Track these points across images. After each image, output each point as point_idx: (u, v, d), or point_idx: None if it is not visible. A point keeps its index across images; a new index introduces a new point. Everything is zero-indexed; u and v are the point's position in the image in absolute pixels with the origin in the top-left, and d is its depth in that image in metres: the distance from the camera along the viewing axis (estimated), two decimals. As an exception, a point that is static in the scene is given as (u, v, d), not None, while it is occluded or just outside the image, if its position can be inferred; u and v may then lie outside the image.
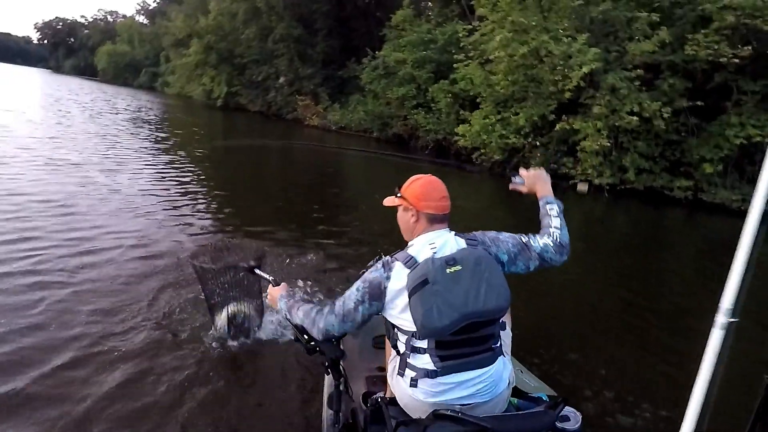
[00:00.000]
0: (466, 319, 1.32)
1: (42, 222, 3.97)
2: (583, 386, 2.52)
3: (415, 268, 1.36)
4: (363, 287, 1.43)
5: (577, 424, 1.48)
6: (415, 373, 1.38)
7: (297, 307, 1.57)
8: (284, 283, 1.78)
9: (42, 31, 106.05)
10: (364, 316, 1.44)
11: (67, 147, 7.76)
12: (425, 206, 1.49)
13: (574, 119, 11.40)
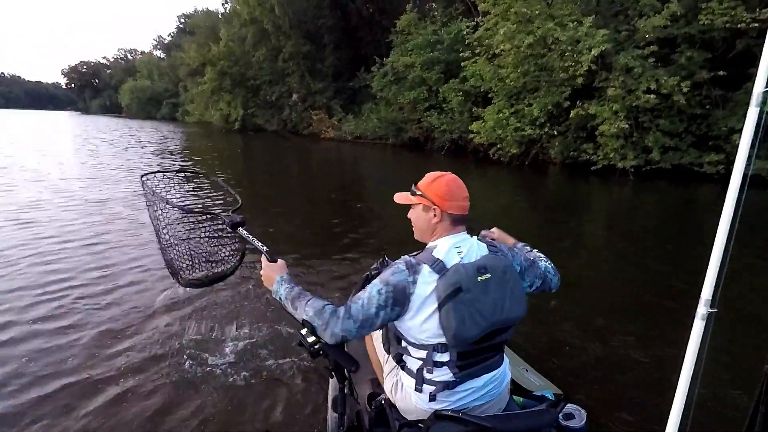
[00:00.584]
0: (492, 327, 1.30)
1: (73, 263, 4.15)
2: (589, 383, 2.47)
3: (446, 275, 1.27)
4: (386, 290, 1.27)
5: (582, 422, 1.46)
6: (434, 388, 1.33)
7: (304, 300, 1.35)
8: (282, 260, 1.51)
9: (69, 75, 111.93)
10: (383, 322, 1.30)
11: (97, 185, 8.14)
12: (450, 206, 1.38)
13: (590, 104, 11.15)
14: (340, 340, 1.30)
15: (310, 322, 1.32)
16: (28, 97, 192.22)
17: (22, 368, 2.54)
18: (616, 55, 10.58)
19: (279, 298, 1.42)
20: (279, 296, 1.42)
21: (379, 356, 1.67)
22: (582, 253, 5.27)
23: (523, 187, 11.33)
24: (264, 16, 28.77)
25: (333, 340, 1.30)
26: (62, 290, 3.55)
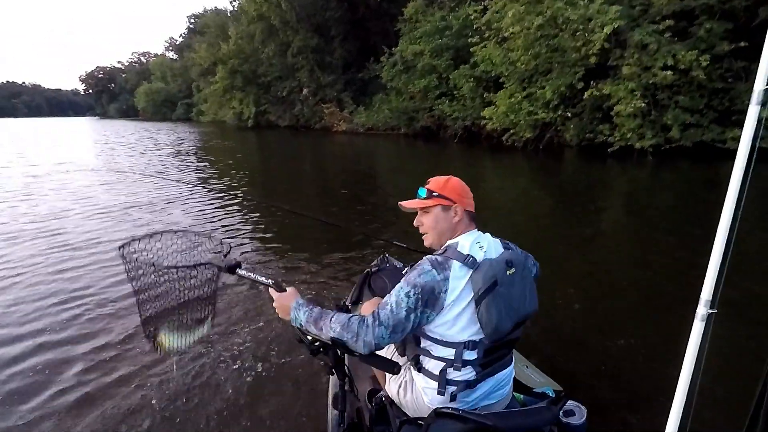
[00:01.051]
0: (519, 320, 1.33)
1: (93, 270, 4.24)
2: (590, 380, 2.46)
3: (480, 269, 1.27)
4: (415, 293, 1.24)
5: (583, 419, 1.45)
6: (455, 388, 1.32)
7: (327, 317, 1.31)
8: (292, 288, 1.47)
9: (86, 81, 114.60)
10: (414, 325, 1.27)
11: (118, 191, 8.32)
12: (467, 203, 1.42)
13: (604, 84, 10.85)
14: (374, 348, 1.28)
15: (339, 337, 1.29)
16: (49, 105, 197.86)
17: (48, 377, 2.61)
18: (630, 32, 10.23)
19: (299, 325, 1.37)
20: (299, 322, 1.37)
21: (380, 354, 1.68)
22: (592, 243, 5.16)
23: (539, 172, 11.15)
24: (271, 12, 28.81)
25: (367, 350, 1.27)
26: (82, 297, 3.62)
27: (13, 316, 3.36)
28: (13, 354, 2.84)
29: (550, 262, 4.44)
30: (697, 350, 1.12)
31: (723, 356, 2.40)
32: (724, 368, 2.27)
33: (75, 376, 2.63)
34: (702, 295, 1.12)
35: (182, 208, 6.87)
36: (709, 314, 1.11)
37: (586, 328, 3.11)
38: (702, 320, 1.13)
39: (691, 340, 1.14)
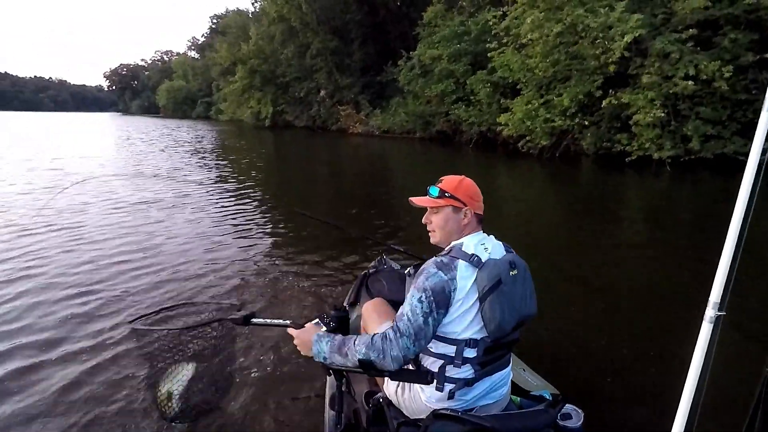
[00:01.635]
0: (519, 321, 1.35)
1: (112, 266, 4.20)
2: (586, 383, 2.44)
3: (485, 268, 1.30)
4: (426, 296, 1.26)
5: (579, 422, 1.45)
6: (454, 385, 1.32)
7: (350, 342, 1.32)
8: (311, 323, 1.48)
9: (110, 78, 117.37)
10: (434, 328, 1.29)
11: (139, 186, 8.43)
12: (477, 206, 1.44)
13: (623, 92, 10.72)
14: (403, 362, 1.28)
15: (366, 358, 1.28)
16: (74, 100, 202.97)
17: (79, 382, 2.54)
18: (651, 41, 10.11)
19: (323, 358, 1.36)
20: (323, 354, 1.36)
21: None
22: (600, 251, 5.09)
23: (554, 180, 11.06)
24: (291, 14, 29.19)
25: (396, 365, 1.27)
26: (104, 291, 3.63)
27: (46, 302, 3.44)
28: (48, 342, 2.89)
29: (554, 267, 4.46)
30: (705, 352, 1.12)
31: (723, 356, 2.37)
32: (724, 368, 2.24)
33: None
34: (710, 297, 1.12)
35: (195, 207, 6.94)
36: (717, 316, 1.12)
37: (585, 333, 3.10)
38: (710, 322, 1.12)
39: (699, 342, 1.14)
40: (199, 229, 5.63)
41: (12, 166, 11.18)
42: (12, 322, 3.07)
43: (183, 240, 5.11)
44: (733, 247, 1.09)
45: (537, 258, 4.87)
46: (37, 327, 3.03)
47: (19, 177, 9.42)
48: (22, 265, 4.12)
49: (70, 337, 2.92)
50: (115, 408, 2.25)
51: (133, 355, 2.63)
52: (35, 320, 3.12)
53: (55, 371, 2.55)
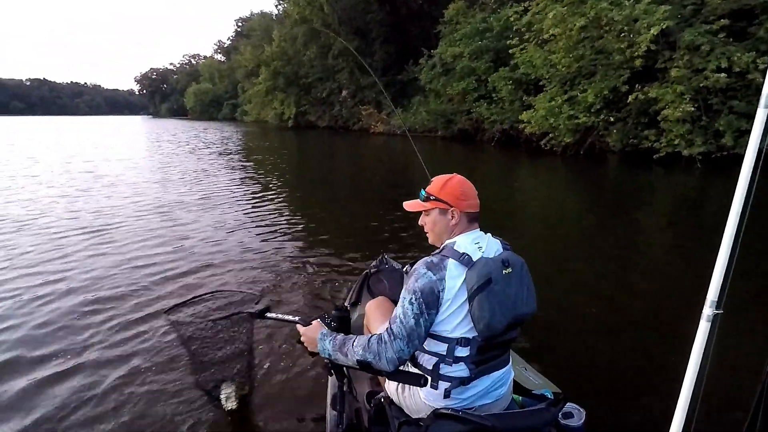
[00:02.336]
0: (513, 320, 1.32)
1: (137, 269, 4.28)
2: (588, 382, 2.41)
3: (475, 267, 1.29)
4: (416, 299, 1.28)
5: (581, 421, 1.45)
6: (449, 384, 1.33)
7: (350, 343, 1.38)
8: (317, 320, 1.55)
9: (141, 82, 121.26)
10: (426, 329, 1.31)
11: (170, 189, 8.63)
12: (466, 205, 1.42)
13: (650, 87, 10.39)
14: (398, 363, 1.31)
15: (363, 359, 1.33)
16: (107, 104, 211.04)
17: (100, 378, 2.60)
18: (680, 33, 9.77)
19: (327, 355, 1.43)
20: (327, 352, 1.43)
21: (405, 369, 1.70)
22: (616, 251, 4.98)
23: (578, 179, 10.82)
24: (313, 15, 29.50)
25: (392, 366, 1.31)
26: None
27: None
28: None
29: (563, 265, 4.41)
30: (702, 351, 1.12)
31: (723, 356, 2.33)
32: (725, 367, 2.18)
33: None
34: (708, 295, 1.12)
35: (221, 208, 7.08)
36: (714, 315, 1.11)
37: (587, 332, 3.06)
38: (708, 321, 1.12)
39: (697, 340, 1.14)
40: (223, 228, 5.77)
41: (52, 168, 11.76)
42: (51, 320, 3.23)
43: (209, 239, 5.26)
44: (730, 244, 1.09)
45: (549, 256, 4.81)
46: (78, 323, 3.19)
47: (57, 178, 9.91)
48: (58, 267, 4.27)
49: (111, 331, 3.07)
50: (155, 391, 2.39)
51: (167, 341, 2.80)
52: (77, 316, 3.28)
53: (102, 363, 2.68)
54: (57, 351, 2.80)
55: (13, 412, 2.26)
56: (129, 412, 2.25)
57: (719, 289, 1.10)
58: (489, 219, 6.39)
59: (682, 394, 1.17)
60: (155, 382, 2.47)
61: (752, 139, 1.04)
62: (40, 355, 2.75)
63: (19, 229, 5.67)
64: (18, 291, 3.70)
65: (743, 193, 1.07)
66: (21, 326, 3.12)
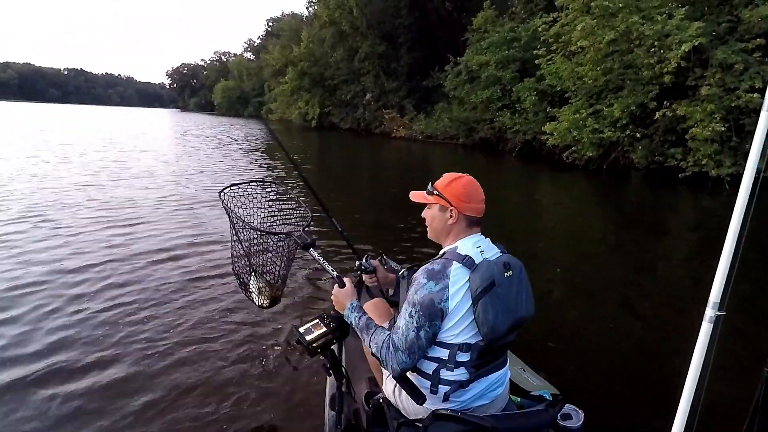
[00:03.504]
0: (516, 323, 1.32)
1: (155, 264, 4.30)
2: (586, 384, 2.39)
3: (477, 269, 1.28)
4: (416, 311, 1.28)
5: (580, 422, 1.45)
6: (449, 388, 1.33)
7: (370, 332, 1.41)
8: (350, 283, 1.57)
9: (172, 76, 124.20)
10: (429, 339, 1.30)
11: (199, 183, 8.83)
12: (467, 208, 1.38)
13: (679, 104, 10.17)
14: (401, 372, 1.33)
15: (377, 355, 1.37)
16: (138, 96, 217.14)
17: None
18: (713, 50, 9.56)
19: (350, 323, 1.49)
20: (350, 322, 1.49)
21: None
22: (627, 264, 4.93)
23: (599, 194, 10.64)
24: (342, 18, 29.82)
25: (396, 375, 1.34)
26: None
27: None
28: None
29: (566, 272, 4.38)
30: (705, 352, 1.12)
31: (724, 356, 2.30)
32: (725, 368, 2.20)
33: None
34: (710, 297, 1.12)
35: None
36: (717, 316, 1.11)
37: (586, 333, 3.06)
38: (710, 322, 1.12)
39: (699, 341, 1.14)
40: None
41: (86, 158, 12.19)
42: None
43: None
44: (733, 247, 1.09)
45: (554, 261, 4.82)
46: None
47: (89, 167, 10.28)
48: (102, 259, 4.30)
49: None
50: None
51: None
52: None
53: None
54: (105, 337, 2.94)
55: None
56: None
57: (721, 291, 1.11)
58: (504, 227, 6.39)
59: (683, 395, 1.17)
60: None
61: (755, 143, 1.05)
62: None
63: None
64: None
65: (745, 197, 1.07)
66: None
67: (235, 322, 3.14)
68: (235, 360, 2.67)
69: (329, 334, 1.54)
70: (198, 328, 3.03)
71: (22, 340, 2.78)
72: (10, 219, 5.41)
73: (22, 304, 3.24)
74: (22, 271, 3.82)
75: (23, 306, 3.22)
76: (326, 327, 1.53)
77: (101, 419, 2.15)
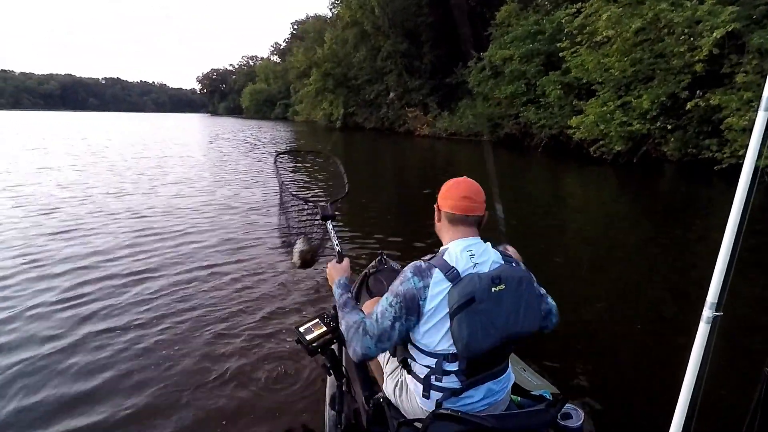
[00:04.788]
0: (504, 339, 1.28)
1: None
2: (586, 383, 2.35)
3: (459, 283, 1.24)
4: (397, 301, 1.28)
5: (580, 422, 1.43)
6: (441, 395, 1.32)
7: (346, 310, 1.42)
8: (347, 261, 1.63)
9: (202, 82, 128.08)
10: (401, 333, 1.30)
11: (228, 186, 8.92)
12: (447, 205, 1.37)
13: (713, 93, 9.72)
14: (361, 358, 1.32)
15: (344, 333, 1.37)
16: (171, 102, 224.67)
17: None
18: (749, 35, 9.08)
19: (334, 297, 1.52)
20: (335, 297, 1.51)
21: (378, 356, 1.67)
22: (647, 260, 4.78)
23: (630, 188, 10.26)
24: (364, 18, 29.96)
25: (356, 358, 1.33)
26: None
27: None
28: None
29: (575, 273, 4.32)
30: (702, 352, 1.10)
31: (723, 357, 2.23)
32: (724, 368, 2.16)
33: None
34: (708, 297, 1.10)
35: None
36: (714, 317, 1.09)
37: (586, 333, 3.01)
38: (707, 323, 1.10)
39: (696, 342, 1.12)
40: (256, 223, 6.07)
41: (128, 164, 12.74)
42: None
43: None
44: (730, 247, 1.07)
45: (565, 260, 4.74)
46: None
47: (129, 176, 10.76)
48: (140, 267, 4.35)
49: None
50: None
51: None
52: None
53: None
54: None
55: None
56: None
57: (719, 291, 1.09)
58: (529, 225, 6.28)
59: (681, 395, 1.16)
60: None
61: (752, 143, 1.04)
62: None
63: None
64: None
65: (743, 197, 1.06)
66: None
67: (236, 322, 3.18)
68: (234, 359, 2.70)
69: (329, 333, 1.55)
70: (198, 328, 3.08)
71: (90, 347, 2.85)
72: (58, 229, 5.45)
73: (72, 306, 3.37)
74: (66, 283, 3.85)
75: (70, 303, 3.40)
76: (326, 326, 1.54)
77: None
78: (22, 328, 3.03)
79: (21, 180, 8.78)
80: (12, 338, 2.89)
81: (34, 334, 2.95)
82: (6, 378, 2.48)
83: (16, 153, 14.12)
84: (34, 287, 3.67)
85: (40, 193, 7.59)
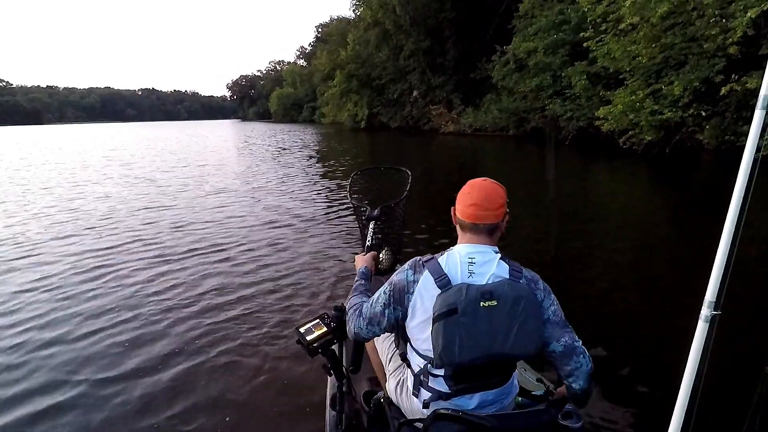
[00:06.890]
0: (488, 359, 1.21)
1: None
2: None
3: (447, 292, 1.20)
4: (389, 289, 1.31)
5: (580, 422, 1.43)
6: (430, 395, 1.31)
7: (356, 293, 1.51)
8: (372, 254, 1.77)
9: (232, 89, 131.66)
10: (390, 321, 1.32)
11: (259, 192, 9.11)
12: (460, 210, 1.34)
13: (749, 77, 9.20)
14: (355, 337, 1.40)
15: (348, 314, 1.45)
16: (203, 110, 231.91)
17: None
18: (790, 13, 8.56)
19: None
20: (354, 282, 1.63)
21: (380, 356, 1.69)
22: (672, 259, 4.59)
23: (663, 180, 9.88)
24: (386, 17, 30.00)
25: (351, 337, 1.42)
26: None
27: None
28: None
29: (584, 273, 4.22)
30: (701, 351, 1.09)
31: (723, 357, 2.16)
32: (724, 368, 2.08)
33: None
34: (706, 296, 1.09)
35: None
36: (712, 316, 1.08)
37: (585, 332, 2.90)
38: (706, 321, 1.10)
39: (695, 341, 1.12)
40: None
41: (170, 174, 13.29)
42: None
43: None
44: (728, 246, 1.06)
45: (597, 258, 4.65)
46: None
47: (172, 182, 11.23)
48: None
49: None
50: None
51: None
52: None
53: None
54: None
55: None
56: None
57: (717, 290, 1.08)
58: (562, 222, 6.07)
59: (680, 395, 1.15)
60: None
61: (749, 141, 1.03)
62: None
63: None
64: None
65: (740, 195, 1.05)
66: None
67: (236, 322, 3.22)
68: (234, 360, 2.72)
69: (330, 334, 1.55)
70: (197, 328, 3.14)
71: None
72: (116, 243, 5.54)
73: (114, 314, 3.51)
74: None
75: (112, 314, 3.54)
76: (327, 327, 1.55)
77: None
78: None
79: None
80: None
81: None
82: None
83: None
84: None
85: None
